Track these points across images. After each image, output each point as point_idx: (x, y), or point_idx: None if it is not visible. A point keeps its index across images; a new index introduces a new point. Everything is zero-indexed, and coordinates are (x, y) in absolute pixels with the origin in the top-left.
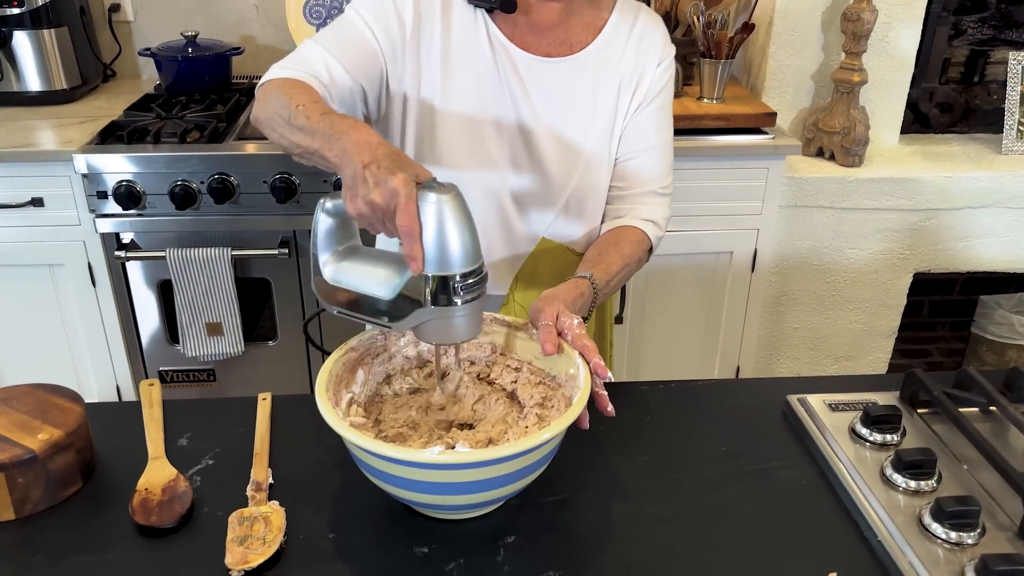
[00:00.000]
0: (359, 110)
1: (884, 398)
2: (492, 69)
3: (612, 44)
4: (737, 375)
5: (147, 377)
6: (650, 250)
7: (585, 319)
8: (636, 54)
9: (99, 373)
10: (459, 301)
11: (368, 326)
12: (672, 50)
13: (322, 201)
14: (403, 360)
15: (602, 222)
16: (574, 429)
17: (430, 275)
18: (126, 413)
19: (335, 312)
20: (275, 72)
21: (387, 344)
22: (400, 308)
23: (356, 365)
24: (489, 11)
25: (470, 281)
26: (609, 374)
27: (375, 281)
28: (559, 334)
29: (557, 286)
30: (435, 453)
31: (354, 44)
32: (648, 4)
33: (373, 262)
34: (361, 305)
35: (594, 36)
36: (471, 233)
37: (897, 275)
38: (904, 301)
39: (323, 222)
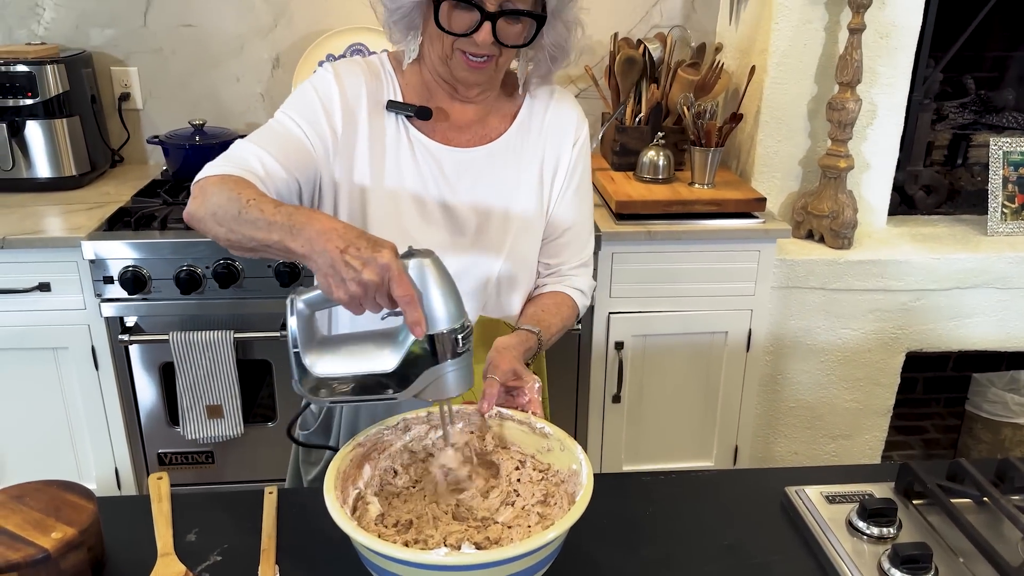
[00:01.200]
0: (295, 203)
1: (880, 489)
2: (416, 165)
3: (527, 128)
4: (736, 455)
5: (146, 459)
6: (578, 317)
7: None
8: (552, 136)
9: (98, 455)
10: (456, 355)
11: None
12: (585, 125)
13: (292, 301)
14: (408, 454)
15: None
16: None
17: (443, 331)
18: (135, 507)
19: (327, 403)
20: (210, 169)
21: (393, 439)
22: (402, 376)
23: (363, 461)
24: (409, 118)
25: (464, 333)
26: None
27: (373, 360)
28: (517, 392)
29: (508, 336)
30: (441, 555)
31: (286, 142)
32: (634, 95)
33: (359, 344)
34: (355, 388)
35: (510, 123)
36: (454, 287)
37: (890, 354)
38: (898, 380)
39: (299, 321)
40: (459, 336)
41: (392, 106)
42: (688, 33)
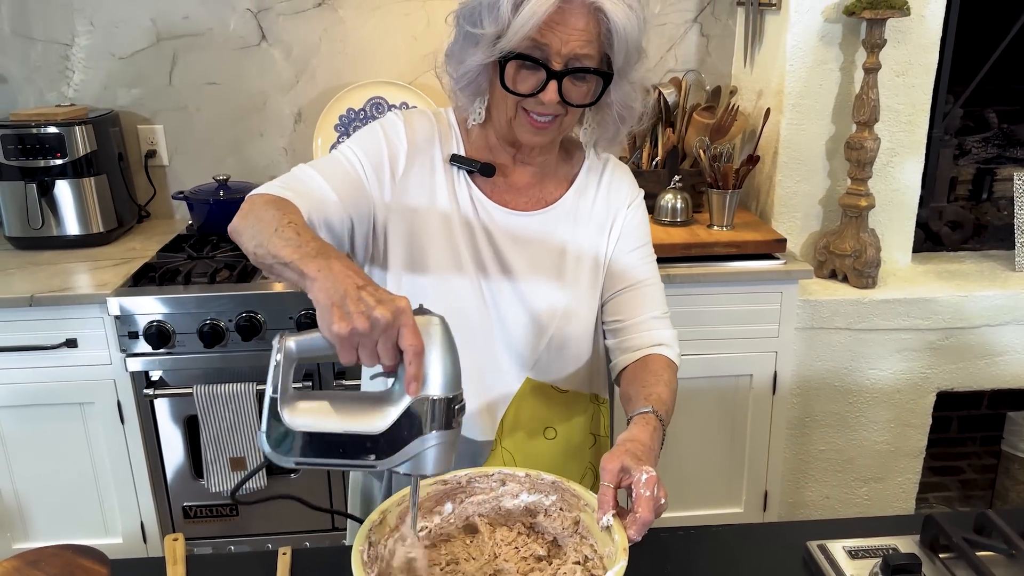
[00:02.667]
0: (345, 243)
1: (904, 543)
2: (474, 222)
3: (584, 194)
4: (765, 501)
5: (171, 512)
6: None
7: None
8: (607, 199)
9: (124, 509)
10: (452, 426)
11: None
12: (640, 193)
13: (280, 340)
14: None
15: (607, 358)
16: None
17: (436, 398)
18: (150, 570)
19: (292, 463)
20: (266, 188)
21: (485, 488)
22: (388, 442)
23: (444, 498)
24: (470, 173)
25: (462, 405)
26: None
27: (361, 419)
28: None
29: (628, 430)
30: None
31: (345, 175)
32: (651, 142)
33: (344, 401)
34: (337, 450)
35: (567, 188)
36: (458, 357)
37: (920, 394)
38: (929, 421)
39: (285, 362)
40: (455, 407)
41: (456, 160)
42: (703, 77)
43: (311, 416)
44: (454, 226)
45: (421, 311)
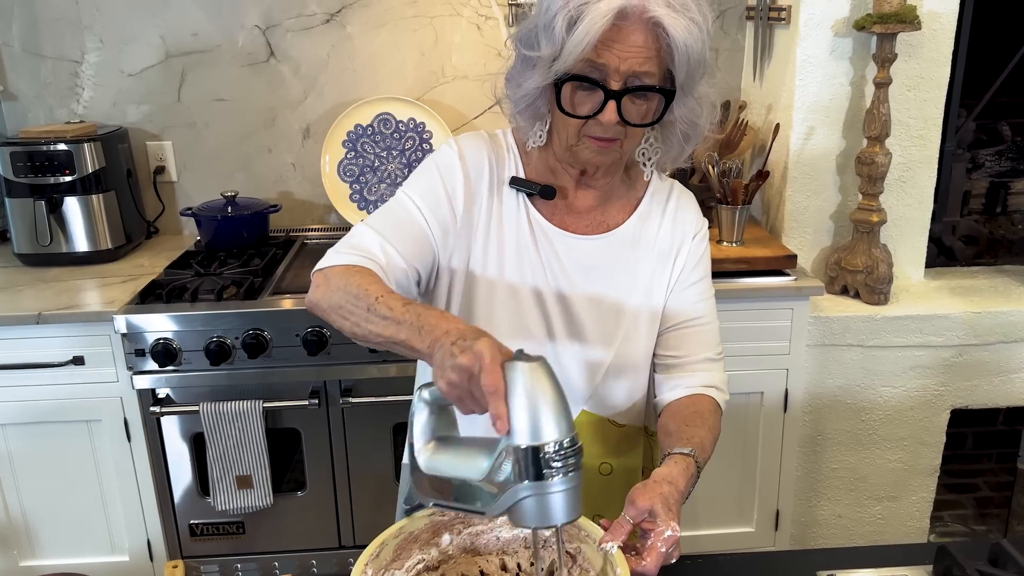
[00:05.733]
0: (413, 291)
1: (916, 573)
2: (532, 247)
3: (648, 220)
4: (777, 520)
5: (178, 530)
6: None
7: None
8: (672, 227)
9: (131, 526)
10: (552, 475)
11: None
12: (706, 223)
13: (418, 390)
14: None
15: (652, 391)
16: None
17: (522, 447)
18: None
19: (430, 504)
20: (333, 258)
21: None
22: (493, 491)
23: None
24: (530, 195)
25: (564, 452)
26: None
27: (467, 464)
28: (645, 535)
29: (666, 467)
30: None
31: (408, 230)
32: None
33: (466, 446)
34: (456, 494)
35: (630, 214)
36: (562, 402)
37: (934, 412)
38: (943, 439)
39: (419, 411)
40: (565, 451)
41: (515, 182)
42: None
43: (435, 461)
44: (516, 253)
45: (518, 356)
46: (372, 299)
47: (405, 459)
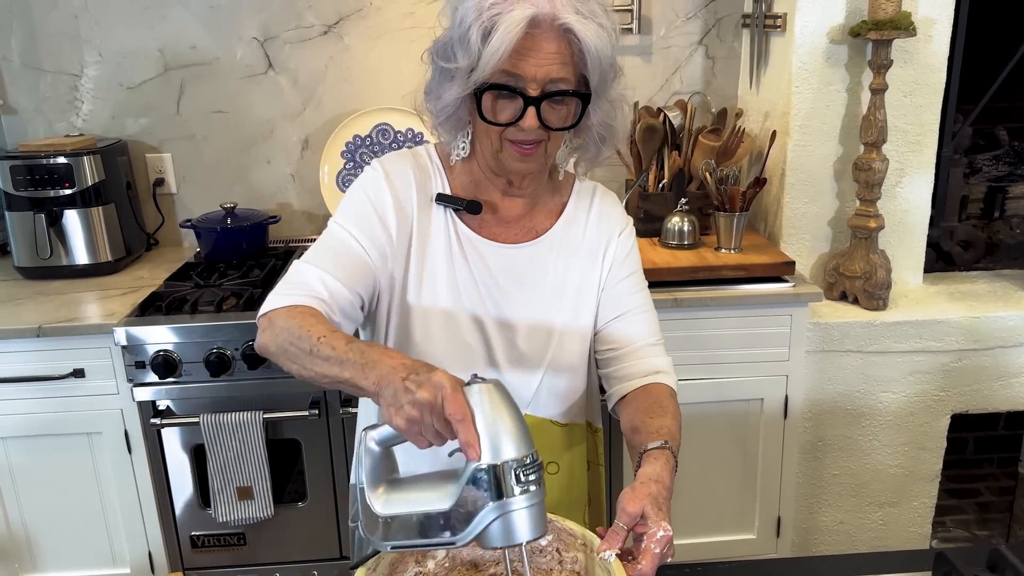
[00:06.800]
0: (359, 317)
1: None
2: (463, 262)
3: (574, 223)
4: (779, 527)
5: (179, 541)
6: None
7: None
8: (597, 228)
9: (132, 538)
10: (519, 491)
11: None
12: (630, 221)
13: (364, 433)
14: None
15: (600, 387)
16: None
17: (491, 465)
18: None
19: (388, 548)
20: (275, 301)
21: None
22: (461, 518)
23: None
24: (456, 211)
25: (527, 468)
26: None
27: (430, 497)
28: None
29: (649, 465)
30: None
31: (345, 259)
32: (661, 164)
33: (422, 482)
34: (418, 530)
35: (556, 218)
36: (521, 420)
37: (934, 417)
38: (944, 444)
39: (369, 456)
40: (518, 469)
41: (441, 199)
42: (708, 99)
43: (392, 503)
44: (448, 268)
45: (473, 380)
46: (314, 340)
47: (352, 499)
